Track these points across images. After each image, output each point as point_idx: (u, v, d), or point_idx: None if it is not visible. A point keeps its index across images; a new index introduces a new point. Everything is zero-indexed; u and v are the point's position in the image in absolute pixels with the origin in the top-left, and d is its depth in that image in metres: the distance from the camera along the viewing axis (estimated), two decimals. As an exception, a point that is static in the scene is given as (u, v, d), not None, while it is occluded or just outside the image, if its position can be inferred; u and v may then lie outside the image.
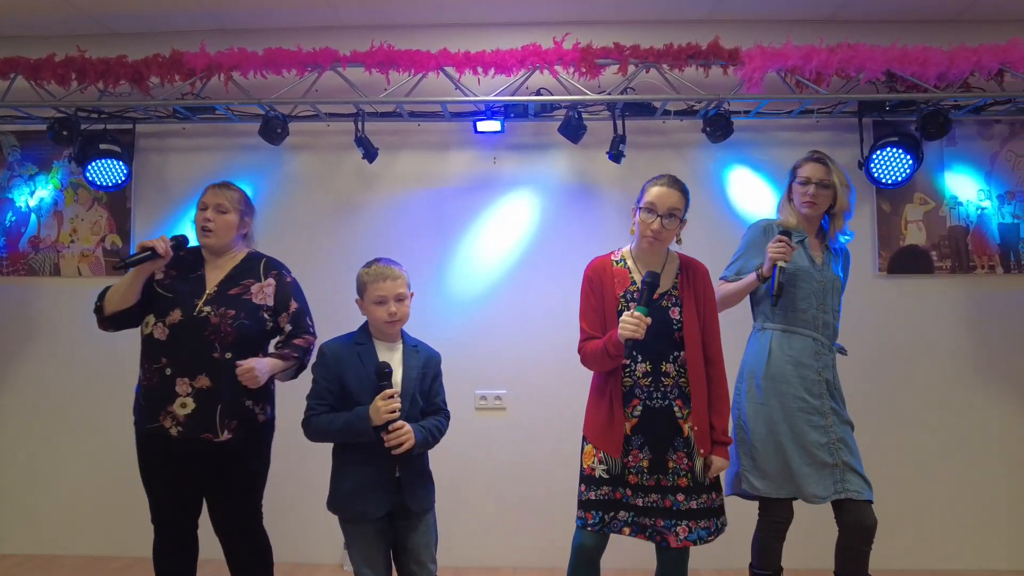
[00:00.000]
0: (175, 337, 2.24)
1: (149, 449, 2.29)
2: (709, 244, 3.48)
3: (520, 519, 3.45)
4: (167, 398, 2.22)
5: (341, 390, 2.12)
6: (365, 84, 3.30)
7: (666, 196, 2.20)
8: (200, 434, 2.22)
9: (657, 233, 2.20)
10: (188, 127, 3.59)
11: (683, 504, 2.16)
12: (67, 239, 3.60)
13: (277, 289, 2.39)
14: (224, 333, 2.24)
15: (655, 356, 2.18)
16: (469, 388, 3.47)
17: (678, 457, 2.17)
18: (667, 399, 2.19)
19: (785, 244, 2.36)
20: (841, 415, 2.44)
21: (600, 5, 3.41)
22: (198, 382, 2.22)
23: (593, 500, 2.17)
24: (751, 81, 3.15)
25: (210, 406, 2.23)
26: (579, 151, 3.43)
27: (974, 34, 3.27)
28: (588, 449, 2.22)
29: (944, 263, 3.50)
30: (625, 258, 2.31)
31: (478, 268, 3.56)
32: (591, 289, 2.27)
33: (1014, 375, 3.45)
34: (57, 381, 3.56)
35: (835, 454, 2.38)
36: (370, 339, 2.19)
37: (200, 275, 2.35)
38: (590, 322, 2.24)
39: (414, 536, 2.14)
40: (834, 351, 2.49)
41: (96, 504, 3.50)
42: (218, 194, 2.39)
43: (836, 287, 2.49)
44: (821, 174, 2.46)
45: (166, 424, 2.22)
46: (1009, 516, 3.41)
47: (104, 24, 3.51)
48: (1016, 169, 3.51)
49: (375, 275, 2.16)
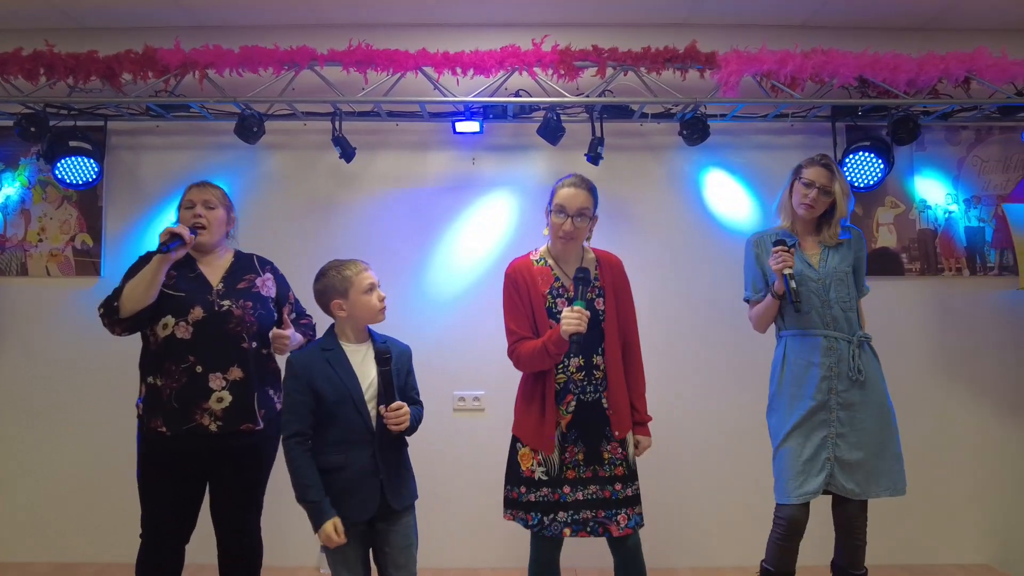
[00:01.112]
0: (201, 333, 2.24)
1: (176, 451, 2.24)
2: (685, 245, 3.55)
3: (499, 520, 3.43)
4: (201, 395, 2.22)
5: (314, 399, 2.09)
6: (343, 83, 3.27)
7: (574, 197, 2.27)
8: (240, 425, 2.26)
9: (569, 233, 2.27)
10: (162, 125, 3.53)
11: (620, 493, 2.24)
12: (35, 238, 3.51)
13: (276, 282, 2.48)
14: (248, 323, 2.29)
15: (586, 350, 2.25)
16: (447, 389, 3.46)
17: (612, 448, 2.25)
18: (597, 392, 2.27)
19: (783, 251, 2.40)
20: (853, 407, 2.43)
21: (579, 8, 3.42)
22: (231, 374, 2.25)
23: (533, 502, 2.23)
24: (727, 85, 3.19)
25: (247, 396, 2.27)
26: (558, 153, 3.44)
27: (943, 42, 3.35)
28: (525, 452, 2.26)
29: (914, 265, 3.58)
30: (544, 257, 2.38)
31: (457, 269, 3.55)
32: (515, 290, 2.31)
33: (979, 374, 3.54)
34: (23, 384, 3.47)
35: (830, 448, 2.41)
36: (337, 343, 2.18)
37: (199, 274, 2.35)
38: (518, 323, 2.28)
39: (394, 539, 2.13)
40: (856, 339, 2.47)
41: (66, 509, 3.42)
42: (204, 191, 2.41)
43: (840, 278, 2.49)
44: (825, 180, 2.49)
45: (204, 422, 2.22)
46: (976, 511, 3.50)
47: (74, 18, 3.44)
48: (982, 174, 3.60)
49: (353, 268, 2.18)
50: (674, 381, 3.42)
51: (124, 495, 2.64)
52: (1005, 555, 3.47)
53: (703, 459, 3.48)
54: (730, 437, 3.45)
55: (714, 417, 3.48)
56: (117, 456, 3.19)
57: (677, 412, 3.41)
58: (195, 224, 2.33)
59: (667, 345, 3.43)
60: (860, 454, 2.42)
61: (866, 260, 2.65)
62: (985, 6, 3.36)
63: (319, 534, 2.03)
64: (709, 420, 3.48)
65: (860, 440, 2.42)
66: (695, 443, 3.46)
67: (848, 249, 2.55)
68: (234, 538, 2.36)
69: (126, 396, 2.70)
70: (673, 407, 3.36)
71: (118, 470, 3.14)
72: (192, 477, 2.30)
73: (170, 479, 2.26)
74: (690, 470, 3.46)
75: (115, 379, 3.24)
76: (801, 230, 2.58)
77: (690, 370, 3.49)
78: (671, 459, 3.29)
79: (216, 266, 2.39)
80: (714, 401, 3.49)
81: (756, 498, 3.08)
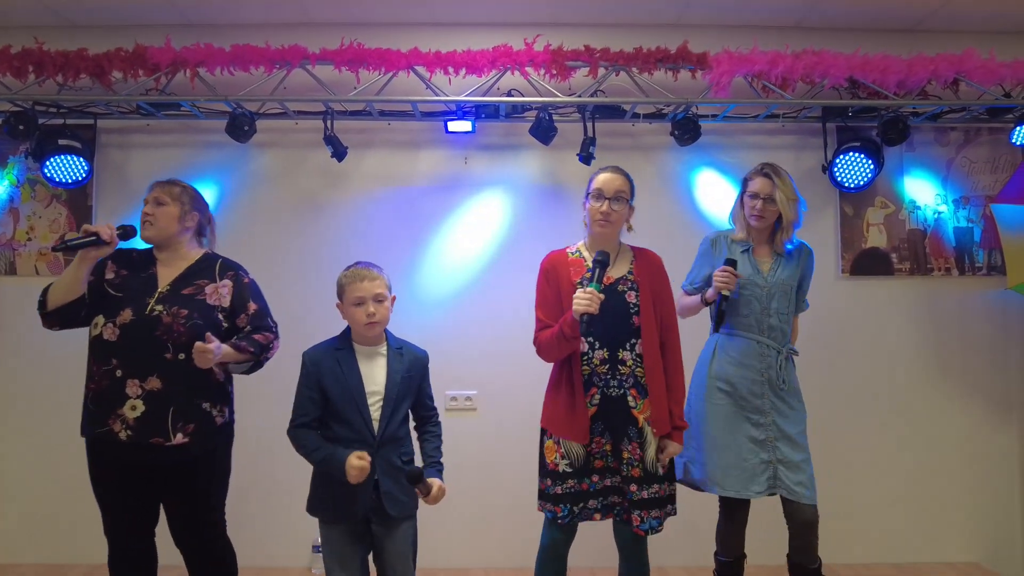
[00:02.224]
0: (126, 337, 2.16)
1: (99, 456, 2.20)
2: (676, 244, 3.52)
3: (491, 519, 3.45)
4: (117, 401, 2.14)
5: (323, 397, 2.10)
6: (334, 82, 3.26)
7: (611, 180, 2.31)
8: (150, 438, 2.14)
9: (607, 215, 2.27)
10: (152, 123, 3.51)
11: (635, 495, 2.22)
12: (24, 237, 3.49)
13: (234, 290, 2.33)
14: (177, 333, 2.17)
15: (612, 343, 2.24)
16: (440, 389, 3.40)
17: (632, 447, 2.24)
18: (623, 388, 2.24)
19: (729, 274, 2.45)
20: (785, 414, 2.52)
21: (571, 8, 3.42)
22: (148, 384, 2.15)
23: (560, 494, 2.22)
24: (719, 85, 3.20)
25: (161, 408, 2.15)
26: (550, 152, 3.44)
27: (932, 43, 3.38)
28: (549, 444, 2.26)
29: (903, 265, 3.60)
30: (580, 250, 2.39)
31: (449, 268, 3.55)
32: (547, 280, 2.32)
33: (967, 373, 3.57)
34: (12, 383, 3.45)
35: (771, 451, 2.48)
36: (350, 344, 2.17)
37: (152, 274, 2.28)
38: (546, 311, 2.29)
39: (390, 544, 2.13)
40: (785, 351, 2.56)
41: (54, 510, 3.40)
42: (159, 188, 2.35)
43: (785, 291, 2.57)
44: (768, 189, 2.54)
45: (115, 428, 2.13)
46: (963, 510, 3.52)
47: (64, 16, 3.41)
48: (970, 175, 3.63)
49: (353, 276, 2.15)
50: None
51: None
52: (994, 553, 3.50)
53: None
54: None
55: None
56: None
57: (669, 411, 3.41)
58: (142, 221, 2.28)
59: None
60: (799, 458, 2.49)
61: (810, 279, 2.71)
62: (973, 9, 3.38)
63: (349, 474, 1.99)
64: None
65: (797, 446, 2.50)
66: (686, 442, 3.47)
67: (797, 265, 2.63)
68: (195, 550, 2.29)
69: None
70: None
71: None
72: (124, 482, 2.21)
73: (110, 480, 2.21)
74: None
75: (104, 379, 3.22)
76: (756, 237, 2.63)
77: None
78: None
79: (174, 267, 2.31)
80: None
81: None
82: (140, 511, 2.24)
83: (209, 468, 2.26)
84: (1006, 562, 3.48)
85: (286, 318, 3.32)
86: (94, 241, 2.15)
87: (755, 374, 2.51)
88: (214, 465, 2.28)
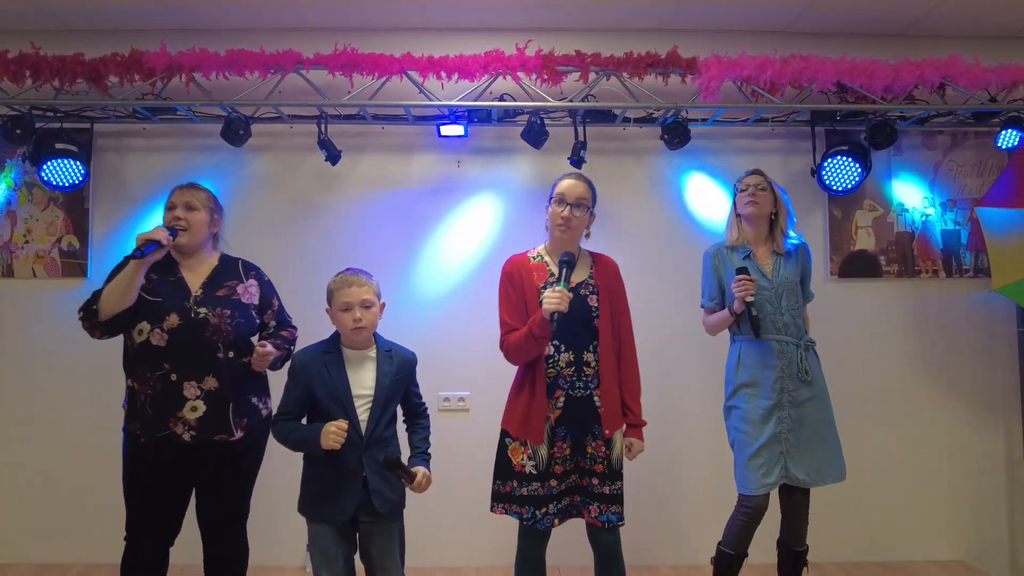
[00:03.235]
0: (176, 341, 2.23)
1: (154, 457, 2.24)
2: (666, 247, 3.60)
3: (483, 519, 3.46)
4: (176, 404, 2.21)
5: (310, 399, 2.15)
6: (329, 87, 3.30)
7: (574, 187, 2.37)
8: (214, 436, 2.24)
9: (567, 220, 2.33)
10: (148, 127, 3.54)
11: (596, 488, 2.30)
12: (21, 239, 3.52)
13: (260, 288, 2.46)
14: (225, 333, 2.27)
15: (577, 345, 2.31)
16: (433, 389, 3.47)
17: (596, 445, 2.31)
18: (588, 388, 2.32)
19: (745, 281, 2.54)
20: (803, 404, 2.62)
21: (562, 13, 3.46)
22: (206, 384, 2.24)
23: (525, 496, 2.27)
24: (708, 90, 3.24)
25: (222, 406, 2.25)
26: (541, 156, 3.48)
27: (918, 49, 3.42)
28: (515, 446, 2.31)
29: (891, 267, 3.64)
30: (541, 254, 2.45)
31: (442, 270, 3.59)
32: (511, 284, 2.38)
33: (954, 374, 3.61)
34: (9, 384, 3.48)
35: (784, 442, 2.58)
36: (339, 348, 2.21)
37: (179, 278, 2.34)
38: (511, 315, 2.34)
39: (378, 541, 2.17)
40: (803, 344, 2.66)
41: (51, 510, 3.43)
42: (186, 193, 2.41)
43: (791, 288, 2.68)
44: (756, 180, 2.70)
45: (178, 430, 2.21)
46: (951, 508, 3.57)
47: (60, 20, 3.45)
48: (957, 178, 3.68)
49: (341, 282, 2.20)
50: (654, 381, 3.45)
51: (110, 496, 2.66)
52: (979, 551, 3.54)
53: (683, 457, 3.53)
54: (710, 435, 3.49)
55: (694, 416, 3.53)
56: (103, 457, 3.20)
57: (658, 411, 3.44)
58: (174, 226, 2.32)
59: (647, 345, 3.46)
60: (810, 446, 2.61)
61: (811, 272, 2.83)
62: (959, 15, 3.42)
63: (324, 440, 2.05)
64: (690, 419, 3.53)
65: (809, 434, 2.62)
66: (676, 441, 3.51)
67: (797, 261, 2.74)
68: (220, 545, 2.36)
69: (111, 397, 2.72)
70: (654, 406, 3.39)
71: (104, 471, 3.15)
72: (173, 483, 2.28)
73: (151, 484, 2.26)
74: (670, 468, 3.51)
75: (101, 380, 3.26)
76: (754, 239, 2.72)
77: (669, 370, 3.54)
78: (651, 457, 3.32)
79: (198, 271, 2.38)
80: (694, 400, 3.54)
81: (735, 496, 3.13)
82: (171, 518, 2.30)
83: (255, 458, 2.39)
84: (991, 560, 3.53)
85: (280, 320, 3.36)
86: (157, 247, 2.20)
87: (777, 372, 2.61)
88: (259, 455, 2.41)
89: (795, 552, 2.71)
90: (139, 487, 2.28)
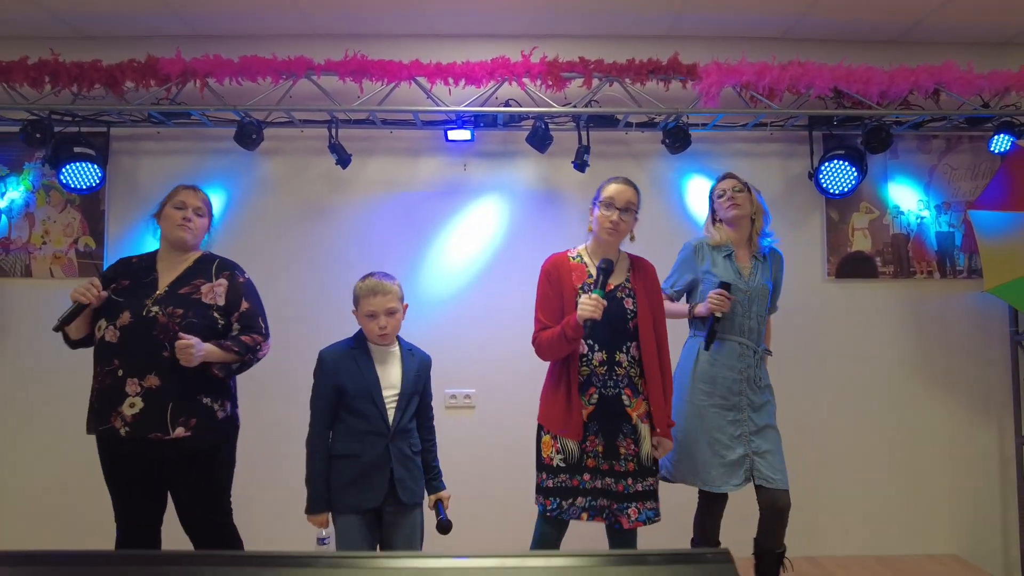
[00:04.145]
0: (125, 338, 2.28)
1: (104, 450, 2.35)
2: (667, 249, 3.65)
3: (488, 515, 3.57)
4: (117, 399, 2.27)
5: (337, 392, 2.25)
6: (339, 92, 3.39)
7: (623, 191, 2.42)
8: (148, 433, 2.26)
9: (616, 224, 2.39)
10: (162, 131, 3.63)
11: (631, 487, 2.33)
12: (39, 240, 3.62)
13: (229, 289, 2.42)
14: (172, 332, 2.26)
15: (610, 346, 2.36)
16: (439, 387, 3.53)
17: (627, 444, 2.35)
18: (618, 388, 2.36)
19: (724, 298, 2.57)
20: (758, 407, 2.65)
21: (566, 20, 3.55)
22: (147, 381, 2.26)
23: (551, 488, 2.33)
24: (708, 95, 3.33)
25: (159, 405, 2.26)
26: (545, 159, 3.57)
27: (913, 55, 3.51)
28: (546, 439, 2.37)
29: (887, 268, 3.73)
30: (581, 255, 2.49)
31: (448, 271, 3.68)
32: (549, 282, 2.42)
33: (948, 372, 3.70)
34: (26, 382, 3.57)
35: (747, 445, 2.61)
36: (365, 345, 2.32)
37: (153, 278, 2.41)
38: (547, 313, 2.38)
39: (400, 530, 2.27)
40: (760, 352, 2.71)
41: (62, 506, 3.52)
42: (196, 196, 2.49)
43: (763, 295, 2.72)
44: (732, 184, 2.74)
45: (116, 425, 2.26)
46: (944, 504, 3.65)
47: (78, 28, 3.54)
48: (952, 181, 3.76)
49: (367, 290, 2.28)
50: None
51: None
52: (973, 546, 3.63)
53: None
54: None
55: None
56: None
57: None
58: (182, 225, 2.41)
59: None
60: (771, 448, 2.63)
61: (782, 283, 2.88)
62: (952, 22, 3.50)
63: (310, 518, 2.22)
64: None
65: (768, 437, 2.64)
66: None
67: (769, 269, 2.79)
68: (203, 539, 2.42)
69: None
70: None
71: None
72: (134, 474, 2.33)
73: (117, 472, 2.34)
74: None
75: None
76: (737, 241, 2.76)
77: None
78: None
79: (175, 269, 2.43)
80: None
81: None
82: (147, 501, 2.37)
83: (215, 460, 2.39)
84: (984, 554, 3.61)
85: (291, 320, 3.46)
86: (84, 308, 2.30)
87: (736, 374, 2.64)
88: (220, 457, 2.41)
89: (775, 554, 2.68)
90: (107, 478, 2.37)
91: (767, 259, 2.78)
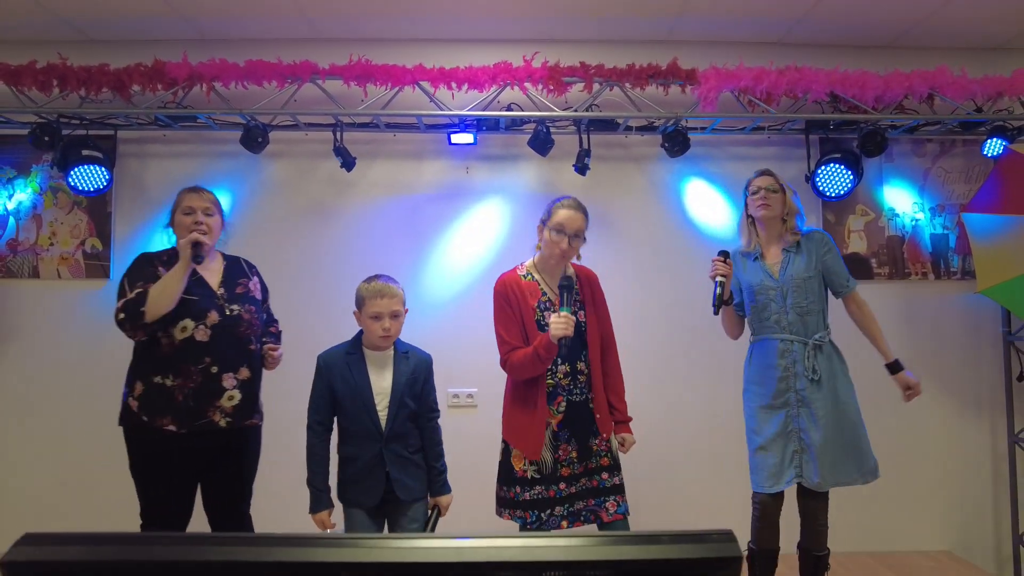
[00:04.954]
0: (218, 336, 2.40)
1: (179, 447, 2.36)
2: (667, 250, 3.74)
3: (490, 515, 3.61)
4: (214, 394, 2.38)
5: (332, 395, 2.31)
6: (343, 96, 3.44)
7: (573, 219, 2.42)
8: (246, 420, 2.45)
9: (565, 252, 2.43)
10: (168, 134, 3.68)
11: (608, 481, 2.41)
12: (46, 242, 3.66)
13: (261, 284, 2.67)
14: (255, 326, 2.50)
15: (571, 357, 2.42)
16: (442, 386, 3.56)
17: (598, 441, 2.43)
18: (584, 393, 2.44)
19: (719, 262, 2.61)
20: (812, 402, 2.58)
21: (567, 25, 3.60)
22: (240, 374, 2.44)
23: (528, 500, 2.36)
24: (707, 100, 3.38)
25: (251, 394, 2.49)
26: (547, 163, 3.62)
27: (907, 60, 3.56)
28: (516, 453, 2.41)
29: (882, 270, 3.79)
30: (531, 271, 2.53)
31: (451, 272, 3.73)
32: (507, 303, 2.45)
33: (942, 371, 3.76)
34: (34, 383, 3.61)
35: (798, 441, 2.60)
36: (361, 350, 2.36)
37: (200, 279, 2.47)
38: (510, 333, 2.42)
39: (403, 522, 2.34)
40: (811, 342, 2.62)
41: (68, 507, 3.56)
42: (202, 198, 2.54)
43: (799, 284, 2.64)
44: (767, 182, 2.73)
45: (215, 418, 2.38)
46: (938, 501, 3.72)
47: (86, 32, 3.58)
48: (946, 184, 3.83)
49: (373, 292, 2.32)
50: (656, 382, 3.61)
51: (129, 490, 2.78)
52: (965, 542, 3.70)
53: (684, 453, 3.67)
54: (710, 433, 3.65)
55: (695, 418, 3.67)
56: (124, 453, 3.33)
57: (659, 411, 3.59)
58: (197, 230, 2.44)
59: (649, 348, 3.62)
60: (821, 447, 2.58)
61: (840, 259, 2.77)
62: (946, 27, 3.57)
63: (313, 518, 2.29)
64: (690, 421, 3.67)
65: (820, 434, 2.59)
66: (677, 439, 3.65)
67: (810, 256, 2.70)
68: (227, 518, 2.51)
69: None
70: (654, 409, 3.54)
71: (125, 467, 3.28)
72: (188, 471, 2.43)
73: (170, 473, 2.39)
74: (671, 469, 3.65)
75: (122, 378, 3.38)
76: (765, 240, 2.78)
77: (671, 372, 3.68)
78: (653, 458, 3.47)
79: (212, 270, 2.52)
80: (694, 403, 3.68)
81: (733, 489, 3.27)
82: (183, 502, 2.44)
83: (249, 447, 2.56)
84: (976, 551, 3.68)
85: (295, 320, 3.50)
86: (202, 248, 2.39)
87: (780, 371, 2.63)
88: (256, 444, 2.60)
89: (814, 556, 2.69)
90: (155, 478, 2.40)
91: (800, 246, 2.70)
